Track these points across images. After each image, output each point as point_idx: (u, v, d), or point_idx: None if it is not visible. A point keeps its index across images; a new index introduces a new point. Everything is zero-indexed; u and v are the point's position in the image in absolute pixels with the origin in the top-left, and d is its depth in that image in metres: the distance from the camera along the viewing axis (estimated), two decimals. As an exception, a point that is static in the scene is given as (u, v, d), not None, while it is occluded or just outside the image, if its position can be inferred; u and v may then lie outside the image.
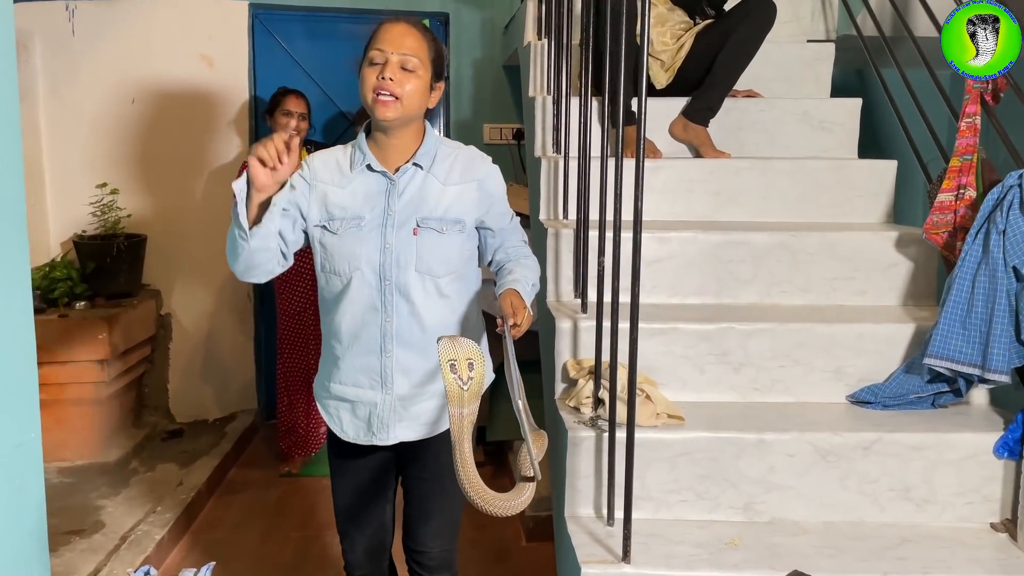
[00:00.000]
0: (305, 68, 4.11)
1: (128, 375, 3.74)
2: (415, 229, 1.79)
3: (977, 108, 2.08)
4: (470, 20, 4.18)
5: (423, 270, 1.79)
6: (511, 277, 1.85)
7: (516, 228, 1.97)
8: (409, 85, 1.75)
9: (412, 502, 1.99)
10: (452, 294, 1.84)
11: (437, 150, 1.85)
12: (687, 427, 1.96)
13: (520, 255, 1.94)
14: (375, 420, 1.85)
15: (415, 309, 1.80)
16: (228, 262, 1.79)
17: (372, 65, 1.75)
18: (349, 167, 1.84)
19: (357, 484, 1.97)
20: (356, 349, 1.83)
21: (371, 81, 1.74)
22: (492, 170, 1.90)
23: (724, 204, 2.59)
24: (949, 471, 1.93)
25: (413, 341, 1.82)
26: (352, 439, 1.89)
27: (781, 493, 1.94)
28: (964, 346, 1.94)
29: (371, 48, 1.77)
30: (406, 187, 1.81)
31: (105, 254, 3.64)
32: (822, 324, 2.14)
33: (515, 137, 4.08)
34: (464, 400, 1.47)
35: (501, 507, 1.49)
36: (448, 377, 1.47)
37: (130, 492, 3.29)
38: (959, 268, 1.97)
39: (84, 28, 3.79)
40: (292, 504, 3.38)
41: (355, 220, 1.79)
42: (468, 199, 1.84)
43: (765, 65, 2.98)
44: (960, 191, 2.09)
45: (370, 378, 1.84)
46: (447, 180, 1.83)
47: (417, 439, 1.89)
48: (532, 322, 1.76)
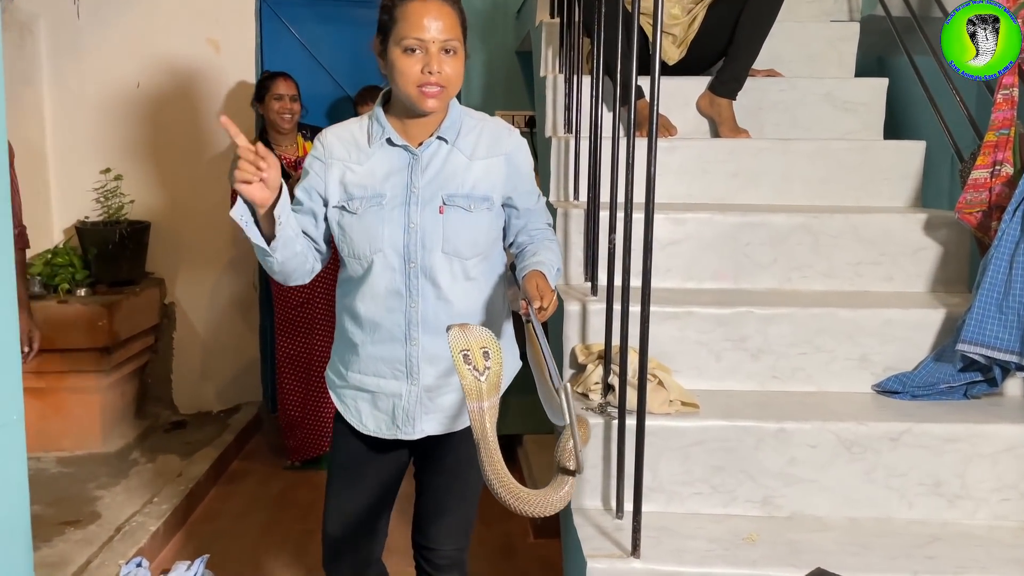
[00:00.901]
0: (313, 53, 4.03)
1: (130, 364, 3.66)
2: (441, 207, 1.66)
3: (1014, 79, 1.96)
4: (482, 4, 4.08)
5: (450, 251, 1.66)
6: (535, 259, 1.72)
7: (542, 209, 1.84)
8: (451, 69, 1.61)
9: (426, 496, 1.86)
10: (479, 276, 1.72)
11: (462, 122, 1.71)
12: (702, 415, 1.84)
13: (544, 237, 1.81)
14: (399, 413, 1.73)
15: (442, 293, 1.68)
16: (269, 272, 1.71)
17: (409, 53, 1.59)
18: (367, 142, 1.69)
19: (363, 484, 1.83)
20: (378, 337, 1.70)
21: (414, 74, 1.58)
22: (520, 143, 1.76)
23: (743, 186, 2.47)
24: (984, 465, 1.81)
25: (440, 327, 1.67)
26: (373, 432, 1.76)
27: (802, 487, 1.82)
28: (1001, 331, 1.82)
29: (404, 35, 1.59)
30: (430, 162, 1.67)
31: (108, 240, 3.56)
32: (846, 309, 2.02)
33: (528, 124, 3.97)
34: (483, 393, 1.33)
35: (537, 505, 1.33)
36: (462, 369, 1.33)
37: (129, 483, 3.21)
38: (995, 248, 1.85)
39: (89, 12, 3.72)
40: (294, 497, 3.29)
41: (376, 198, 1.66)
42: (496, 175, 1.71)
43: (786, 45, 2.86)
44: (996, 167, 1.96)
45: (393, 368, 1.71)
46: (473, 155, 1.70)
47: (443, 432, 1.77)
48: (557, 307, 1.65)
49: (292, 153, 3.46)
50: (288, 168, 3.37)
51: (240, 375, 4.08)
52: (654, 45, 1.63)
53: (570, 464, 1.42)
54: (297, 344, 3.48)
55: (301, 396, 3.49)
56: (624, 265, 1.74)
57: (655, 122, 1.56)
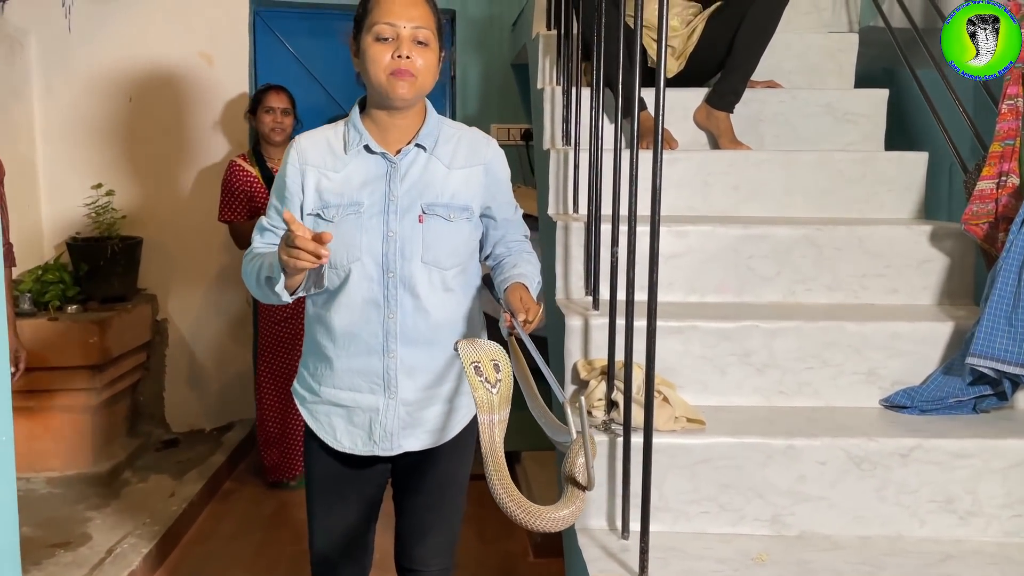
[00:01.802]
0: (307, 66, 4.00)
1: (122, 382, 3.60)
2: (420, 216, 1.63)
3: (1019, 89, 1.93)
4: (477, 17, 4.07)
5: (430, 261, 1.63)
6: (516, 271, 1.70)
7: (520, 221, 1.83)
8: (423, 60, 1.59)
9: (407, 515, 1.82)
10: (456, 287, 1.69)
11: (440, 131, 1.69)
12: (708, 432, 1.80)
13: (522, 249, 1.79)
14: (377, 428, 1.68)
15: (420, 304, 1.64)
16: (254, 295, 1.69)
17: (381, 41, 1.58)
18: (343, 148, 1.66)
19: (344, 500, 1.78)
20: (354, 349, 1.66)
21: (384, 60, 1.58)
22: (498, 153, 1.75)
23: (744, 198, 2.44)
24: (995, 481, 1.77)
25: (418, 339, 1.66)
26: (348, 449, 1.71)
27: (811, 504, 1.77)
28: (1010, 344, 1.79)
29: (375, 20, 1.59)
30: (408, 170, 1.65)
31: (99, 256, 3.51)
32: (853, 322, 1.99)
33: (523, 137, 3.94)
34: (495, 405, 1.31)
35: (548, 520, 1.28)
36: (474, 381, 1.31)
37: (120, 504, 3.15)
38: (1004, 260, 1.82)
39: (80, 25, 3.68)
40: (288, 517, 3.23)
41: (353, 206, 1.63)
42: (475, 184, 1.69)
43: (785, 56, 2.85)
44: (1002, 178, 1.94)
45: (370, 382, 1.67)
46: (452, 163, 1.67)
47: (423, 449, 1.73)
48: (543, 320, 1.62)
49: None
50: None
51: (233, 392, 4.02)
52: (658, 57, 1.59)
53: (580, 478, 1.38)
54: (279, 360, 3.43)
55: (280, 413, 3.44)
56: (628, 279, 1.70)
57: (660, 133, 1.53)
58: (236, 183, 3.39)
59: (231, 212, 3.41)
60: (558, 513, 1.27)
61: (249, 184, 3.38)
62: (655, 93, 1.57)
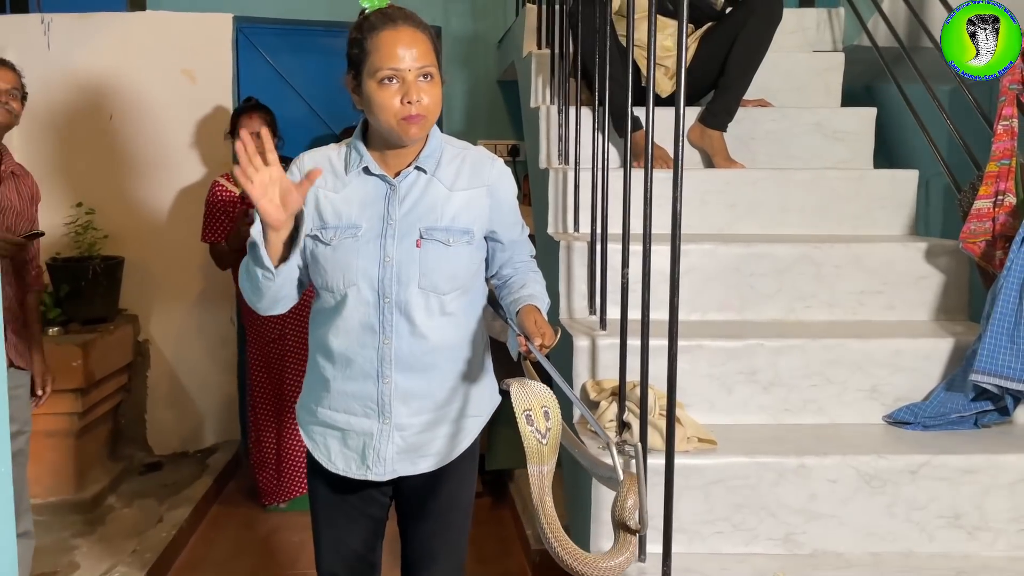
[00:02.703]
0: (291, 83, 3.96)
1: (103, 405, 3.53)
2: (418, 241, 1.60)
3: (1014, 111, 1.98)
4: (462, 34, 4.07)
5: (427, 287, 1.60)
6: (526, 292, 1.67)
7: (526, 241, 1.79)
8: (430, 97, 1.55)
9: (413, 542, 1.79)
10: (456, 311, 1.65)
11: (443, 151, 1.66)
12: (721, 452, 1.81)
13: (529, 270, 1.76)
14: (370, 452, 1.66)
15: (416, 329, 1.61)
16: (247, 298, 1.62)
17: (387, 84, 1.53)
18: (344, 169, 1.64)
19: (347, 517, 1.76)
20: (350, 373, 1.64)
21: (393, 106, 1.53)
22: (504, 172, 1.71)
23: (741, 216, 2.47)
24: (1002, 495, 1.80)
25: (414, 364, 1.63)
26: (342, 471, 1.69)
27: (823, 523, 1.79)
28: (1013, 361, 1.82)
29: (378, 66, 1.53)
30: (407, 193, 1.62)
31: (80, 277, 3.44)
32: (856, 340, 2.01)
33: (510, 154, 3.95)
34: (544, 456, 1.29)
35: (603, 570, 1.27)
36: (525, 431, 1.28)
37: (106, 530, 3.08)
38: (1004, 279, 1.85)
39: (60, 42, 3.62)
40: (280, 541, 3.18)
41: (351, 229, 1.60)
42: (477, 207, 1.65)
43: (773, 75, 2.88)
44: (999, 197, 1.98)
45: (364, 406, 1.64)
46: (454, 185, 1.64)
47: (413, 474, 1.70)
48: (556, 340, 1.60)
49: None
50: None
51: (217, 414, 3.96)
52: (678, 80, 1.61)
53: (631, 523, 1.37)
54: (272, 380, 3.38)
55: (275, 434, 3.38)
56: (643, 299, 1.70)
57: (680, 150, 1.54)
58: (217, 203, 3.33)
59: (212, 233, 3.34)
60: (613, 561, 1.28)
61: (231, 204, 3.32)
62: (675, 113, 1.58)
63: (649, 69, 1.76)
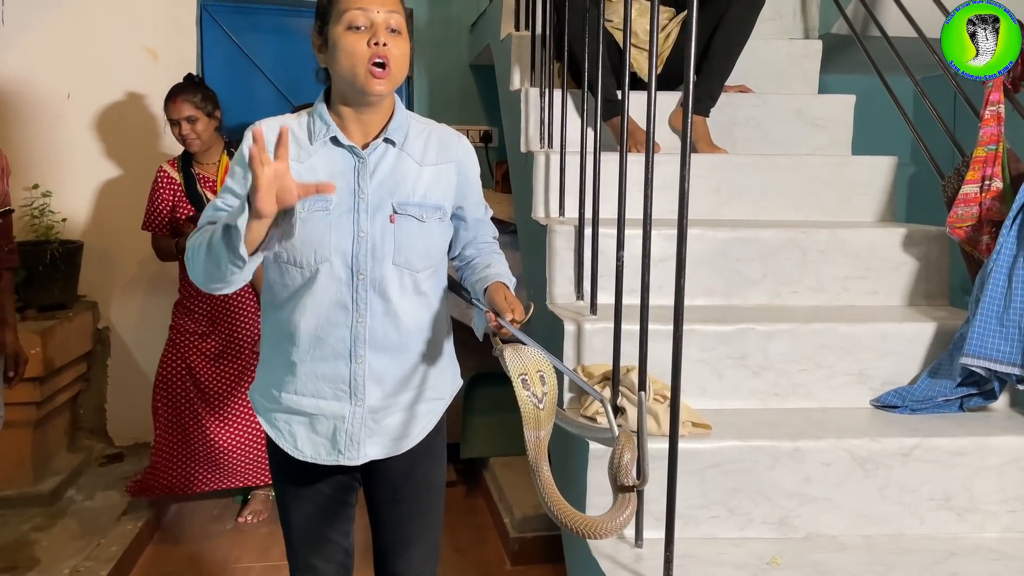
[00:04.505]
0: (256, 62, 3.86)
1: (62, 394, 3.40)
2: (392, 216, 1.55)
3: (1000, 96, 1.99)
4: (434, 18, 4.00)
5: (401, 263, 1.56)
6: (492, 271, 1.64)
7: (489, 222, 1.77)
8: (398, 50, 1.50)
9: (385, 528, 1.75)
10: (428, 291, 1.62)
11: (409, 125, 1.61)
12: (715, 436, 1.80)
13: (492, 250, 1.74)
14: (342, 436, 1.60)
15: (391, 308, 1.57)
16: (194, 275, 1.48)
17: (354, 30, 1.47)
18: (308, 139, 1.56)
19: (317, 505, 1.71)
20: (319, 354, 1.57)
21: (360, 50, 1.47)
22: (469, 150, 1.68)
23: (725, 201, 2.46)
24: (990, 478, 1.81)
25: (388, 344, 1.59)
26: (310, 459, 1.63)
27: (817, 506, 1.79)
28: (1002, 344, 1.84)
29: (346, 7, 1.48)
30: (377, 165, 1.56)
31: (37, 262, 3.30)
32: (844, 324, 2.02)
33: (483, 140, 3.90)
34: (540, 421, 1.25)
35: (604, 528, 1.24)
36: (522, 395, 1.24)
37: (67, 523, 2.97)
38: (994, 263, 1.87)
39: (15, 17, 3.47)
40: (250, 531, 3.10)
41: (321, 202, 1.52)
42: (446, 182, 1.61)
43: (752, 61, 2.88)
44: (985, 182, 2.00)
45: (336, 388, 1.59)
46: (423, 160, 1.59)
47: (386, 456, 1.66)
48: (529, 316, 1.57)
49: (213, 172, 3.10)
50: (203, 188, 3.07)
51: (180, 402, 3.84)
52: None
53: (628, 480, 1.34)
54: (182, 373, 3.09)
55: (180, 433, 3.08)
56: (643, 283, 1.68)
57: (688, 131, 1.52)
58: (158, 192, 3.08)
59: (151, 223, 3.11)
60: (615, 520, 1.24)
61: (172, 193, 3.08)
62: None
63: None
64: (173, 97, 3.00)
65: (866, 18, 2.85)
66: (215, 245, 1.39)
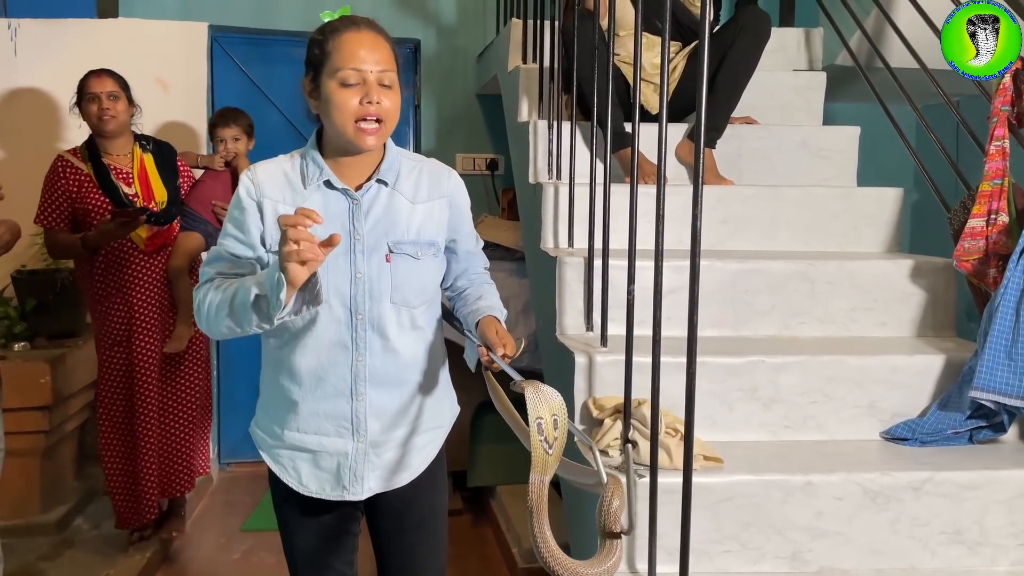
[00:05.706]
0: (267, 93, 3.91)
1: (71, 422, 3.41)
2: (388, 255, 1.58)
3: (1005, 131, 2.02)
4: (441, 48, 4.05)
5: (399, 301, 1.59)
6: (483, 303, 1.68)
7: (480, 253, 1.81)
8: (390, 103, 1.54)
9: (392, 559, 1.76)
10: (424, 324, 1.66)
11: (400, 164, 1.64)
12: (728, 470, 1.80)
13: (483, 281, 1.78)
14: (346, 472, 1.63)
15: (389, 344, 1.60)
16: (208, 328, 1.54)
17: (347, 87, 1.51)
18: (302, 182, 1.59)
19: (322, 536, 1.72)
20: (320, 392, 1.60)
21: (352, 107, 1.51)
22: (459, 184, 1.71)
23: (732, 232, 2.48)
24: (1001, 511, 1.82)
25: (387, 379, 1.62)
26: (315, 494, 1.65)
27: (829, 540, 1.79)
28: (1011, 378, 1.85)
29: (339, 66, 1.52)
30: (371, 207, 1.59)
31: (47, 290, 3.33)
32: (854, 356, 2.03)
33: (489, 167, 3.93)
34: (547, 466, 1.26)
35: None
36: (535, 440, 1.24)
37: (76, 553, 2.97)
38: (1001, 297, 1.88)
39: (27, 49, 3.52)
40: (258, 562, 3.10)
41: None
42: (439, 218, 1.65)
43: (757, 93, 2.90)
44: (992, 216, 2.01)
45: (338, 425, 1.61)
46: (415, 198, 1.63)
47: (384, 490, 1.67)
48: (520, 351, 1.59)
49: (126, 164, 3.00)
50: (117, 180, 2.95)
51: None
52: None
53: (616, 527, 1.35)
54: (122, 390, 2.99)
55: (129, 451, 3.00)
56: (655, 317, 1.69)
57: (701, 162, 1.54)
58: (59, 182, 2.91)
59: (49, 215, 2.92)
60: (600, 568, 1.26)
61: (77, 183, 2.92)
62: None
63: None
64: (97, 73, 2.93)
65: (870, 51, 2.88)
66: (240, 308, 1.46)
